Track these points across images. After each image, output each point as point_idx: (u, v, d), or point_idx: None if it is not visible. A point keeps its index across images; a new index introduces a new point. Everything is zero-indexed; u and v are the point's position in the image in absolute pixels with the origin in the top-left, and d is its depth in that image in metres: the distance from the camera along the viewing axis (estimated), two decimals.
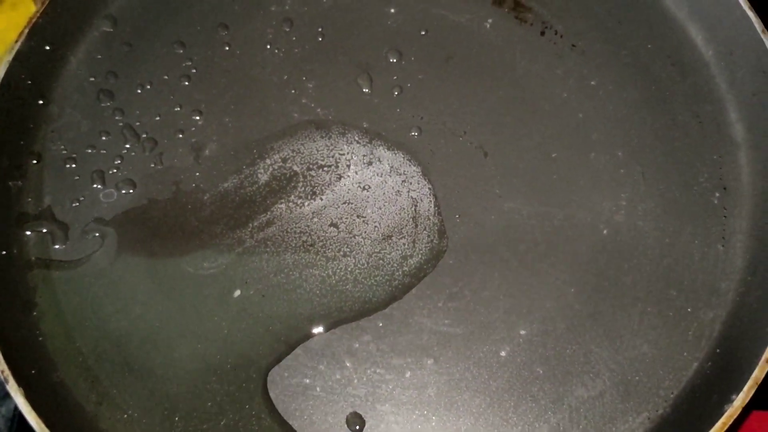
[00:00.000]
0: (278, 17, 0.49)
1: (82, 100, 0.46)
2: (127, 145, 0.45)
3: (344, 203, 0.44)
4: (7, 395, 0.48)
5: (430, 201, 0.44)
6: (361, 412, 0.40)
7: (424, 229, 0.44)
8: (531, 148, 0.45)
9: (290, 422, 0.39)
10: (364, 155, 0.45)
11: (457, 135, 0.46)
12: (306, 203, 0.44)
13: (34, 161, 0.45)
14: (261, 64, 0.48)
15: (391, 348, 0.41)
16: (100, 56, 0.47)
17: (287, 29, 0.48)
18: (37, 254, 0.42)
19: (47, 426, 0.36)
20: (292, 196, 0.44)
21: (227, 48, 0.48)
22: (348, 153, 0.45)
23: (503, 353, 0.41)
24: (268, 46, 0.48)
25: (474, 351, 0.41)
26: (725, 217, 0.44)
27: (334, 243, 0.43)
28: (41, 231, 0.43)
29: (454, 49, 0.48)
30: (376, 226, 0.44)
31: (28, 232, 0.43)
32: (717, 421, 0.37)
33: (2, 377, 0.37)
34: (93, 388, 0.40)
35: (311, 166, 0.45)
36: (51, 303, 0.41)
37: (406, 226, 0.44)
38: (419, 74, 0.47)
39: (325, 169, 0.45)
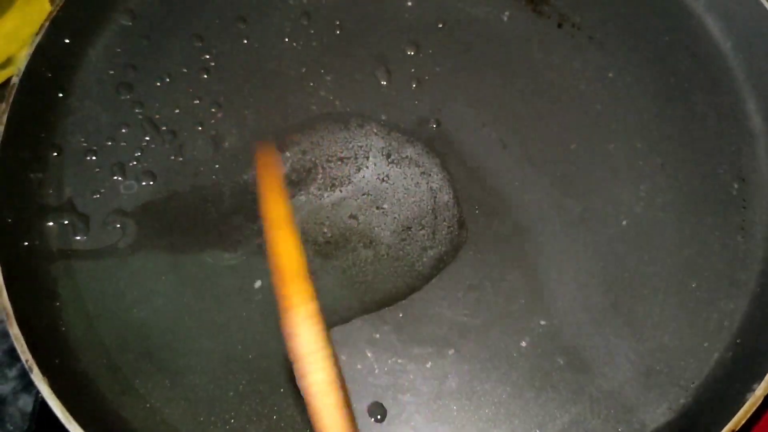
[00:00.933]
0: (296, 10, 0.49)
1: (102, 93, 0.46)
2: (147, 138, 0.45)
3: (363, 195, 0.44)
4: (24, 388, 0.48)
5: (449, 192, 0.44)
6: (382, 402, 0.40)
7: (444, 221, 0.44)
8: (549, 139, 0.45)
9: None
10: (382, 147, 0.45)
11: (475, 127, 0.46)
12: (325, 195, 0.44)
13: (55, 153, 0.45)
14: (279, 57, 0.48)
15: (411, 338, 0.41)
16: (119, 49, 0.48)
17: (305, 22, 0.48)
18: (58, 245, 0.43)
19: (72, 415, 0.36)
20: (312, 187, 0.44)
21: (245, 41, 0.48)
22: (367, 145, 0.45)
23: (524, 343, 0.41)
24: (286, 39, 0.48)
25: (494, 341, 0.41)
26: (744, 207, 0.44)
27: (354, 234, 0.43)
28: (63, 222, 0.43)
29: (471, 42, 0.48)
30: (395, 218, 0.44)
31: (50, 224, 0.43)
32: (739, 410, 0.37)
33: (27, 366, 0.37)
34: (115, 378, 0.40)
35: (330, 158, 0.45)
36: (73, 293, 0.42)
37: (426, 217, 0.44)
38: (437, 67, 0.47)
39: (344, 161, 0.45)
